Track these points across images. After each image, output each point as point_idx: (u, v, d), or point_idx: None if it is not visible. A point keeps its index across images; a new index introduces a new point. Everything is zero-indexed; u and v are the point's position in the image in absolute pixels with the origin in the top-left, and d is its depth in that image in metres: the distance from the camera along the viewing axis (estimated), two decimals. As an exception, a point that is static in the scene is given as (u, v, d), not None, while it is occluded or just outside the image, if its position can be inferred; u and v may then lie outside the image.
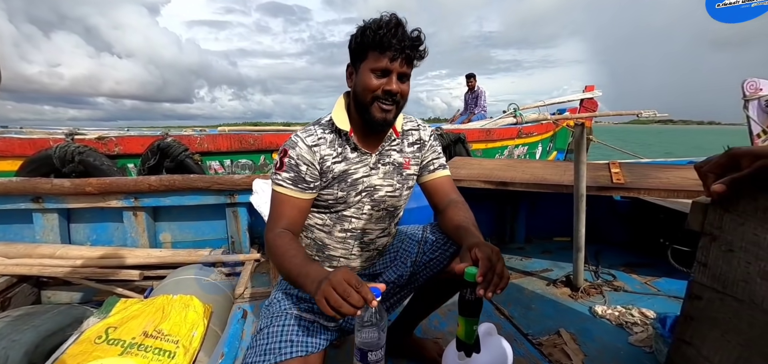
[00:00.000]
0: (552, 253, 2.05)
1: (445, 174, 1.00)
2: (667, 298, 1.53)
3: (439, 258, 0.97)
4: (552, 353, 1.20)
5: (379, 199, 0.94)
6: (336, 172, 0.88)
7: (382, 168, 0.93)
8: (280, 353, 0.76)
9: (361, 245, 0.97)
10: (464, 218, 0.89)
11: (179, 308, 1.42)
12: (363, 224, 0.95)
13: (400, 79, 0.82)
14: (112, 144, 3.53)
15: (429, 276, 0.99)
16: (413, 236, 1.04)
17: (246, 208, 2.06)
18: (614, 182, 1.53)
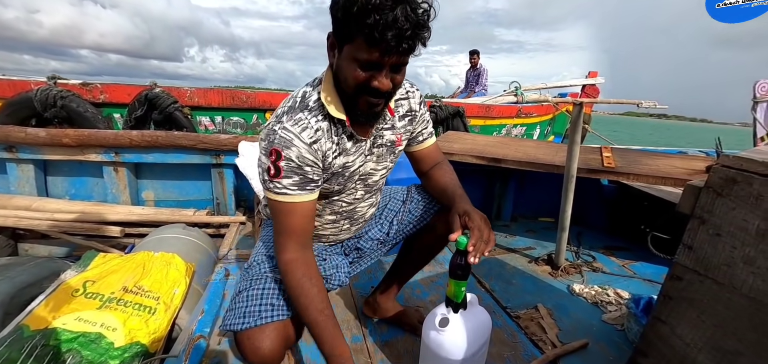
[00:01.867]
0: (536, 232, 2.08)
1: (433, 141, 0.98)
2: (642, 281, 1.58)
3: (424, 216, 1.00)
4: (528, 325, 1.24)
5: (372, 183, 0.91)
6: (336, 168, 0.80)
7: (377, 152, 0.87)
8: (260, 316, 0.75)
9: (350, 222, 0.96)
10: (451, 180, 0.89)
11: (161, 265, 1.39)
12: (354, 205, 0.93)
13: (394, 69, 0.67)
14: (96, 91, 3.32)
15: (412, 232, 1.01)
16: (398, 195, 1.05)
17: (232, 170, 2.00)
18: (605, 165, 1.54)
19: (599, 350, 1.15)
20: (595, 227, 2.15)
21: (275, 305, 0.78)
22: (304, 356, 1.05)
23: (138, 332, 1.16)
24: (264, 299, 0.77)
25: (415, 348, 1.09)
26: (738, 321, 0.57)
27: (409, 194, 1.04)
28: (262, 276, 0.83)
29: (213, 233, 1.95)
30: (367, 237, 1.00)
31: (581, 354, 1.12)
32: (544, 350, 1.12)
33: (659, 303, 0.70)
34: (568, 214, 1.48)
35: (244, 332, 0.73)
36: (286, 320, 0.78)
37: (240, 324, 0.74)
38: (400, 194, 1.06)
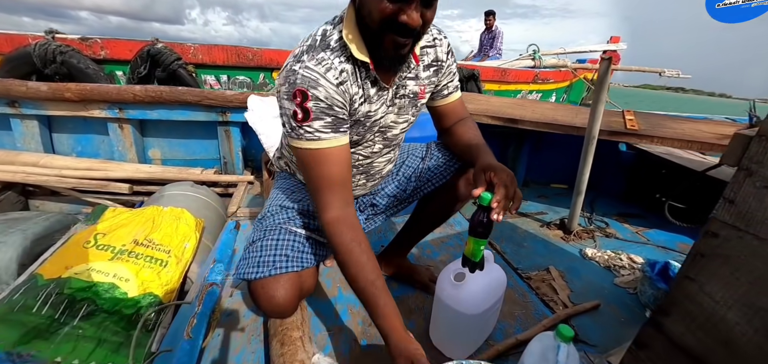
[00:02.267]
0: (548, 198, 2.04)
1: (458, 96, 0.92)
2: (656, 248, 1.56)
3: (443, 174, 0.96)
4: (540, 286, 1.23)
5: (392, 136, 0.86)
6: (359, 115, 0.74)
7: (398, 103, 0.80)
8: (275, 267, 0.73)
9: (366, 177, 0.92)
10: (475, 135, 0.84)
11: (170, 219, 1.39)
12: (371, 160, 0.88)
13: (425, 3, 0.61)
14: (97, 47, 3.20)
15: (430, 191, 0.97)
16: (417, 152, 1.01)
17: (239, 128, 1.96)
18: (628, 127, 1.47)
19: (611, 311, 1.14)
20: (609, 195, 2.10)
21: (290, 256, 0.76)
22: (317, 308, 1.05)
23: (150, 284, 1.18)
24: (278, 250, 0.76)
25: (426, 305, 1.09)
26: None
27: (428, 151, 1.00)
28: (276, 227, 0.81)
29: (221, 193, 1.94)
30: (383, 193, 0.97)
31: (592, 315, 1.11)
32: (555, 310, 1.11)
33: (689, 261, 0.67)
34: (586, 177, 1.43)
35: (258, 281, 0.72)
36: (300, 272, 0.77)
37: (254, 273, 0.73)
38: (419, 150, 1.02)
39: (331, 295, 1.12)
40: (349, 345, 0.94)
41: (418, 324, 1.02)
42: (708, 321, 0.64)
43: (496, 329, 1.01)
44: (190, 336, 0.67)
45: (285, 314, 0.75)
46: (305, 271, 0.78)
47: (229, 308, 1.03)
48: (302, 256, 0.78)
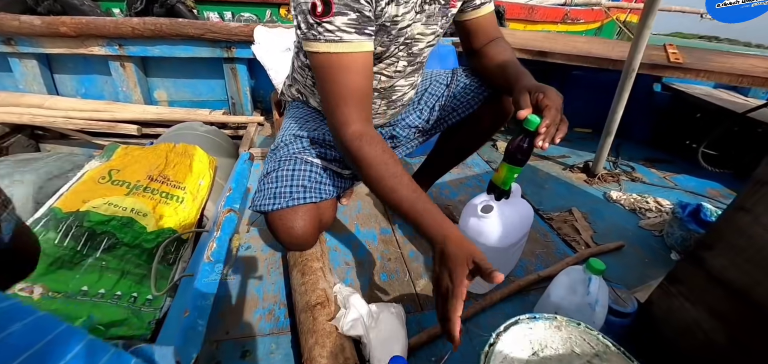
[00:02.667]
0: (572, 142, 1.95)
1: (491, 9, 0.80)
2: (685, 192, 1.49)
3: (470, 103, 0.87)
4: (561, 227, 1.19)
5: (417, 51, 0.76)
6: (386, 18, 0.63)
7: (427, 10, 0.69)
8: (292, 198, 0.69)
9: (387, 103, 0.84)
10: (511, 56, 0.75)
11: (183, 156, 1.36)
12: (393, 81, 0.79)
13: None
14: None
15: (455, 122, 0.90)
16: (441, 79, 0.92)
17: (246, 65, 1.86)
18: (671, 61, 1.33)
19: (634, 252, 1.11)
20: (636, 140, 2.00)
21: (307, 187, 0.72)
22: (335, 244, 1.05)
23: (168, 220, 1.18)
24: (295, 181, 0.72)
25: (445, 242, 1.07)
26: None
27: (454, 77, 0.91)
28: (291, 157, 0.76)
29: (231, 135, 1.90)
30: (404, 124, 0.91)
31: (616, 255, 1.09)
32: (576, 250, 1.09)
33: (746, 191, 0.61)
34: (618, 115, 1.33)
35: (275, 212, 0.69)
36: (319, 202, 0.73)
37: (270, 205, 0.70)
38: (443, 77, 0.93)
39: (349, 231, 1.11)
40: (368, 278, 0.94)
41: (437, 260, 1.01)
42: (758, 253, 0.60)
43: (517, 267, 1.00)
44: (210, 259, 0.66)
45: (304, 245, 0.73)
46: (323, 202, 0.75)
47: (247, 243, 1.03)
48: (320, 187, 0.74)
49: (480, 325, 0.83)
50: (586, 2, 4.77)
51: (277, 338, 0.78)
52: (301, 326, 0.72)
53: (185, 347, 0.50)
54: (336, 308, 0.73)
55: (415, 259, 1.01)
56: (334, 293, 0.77)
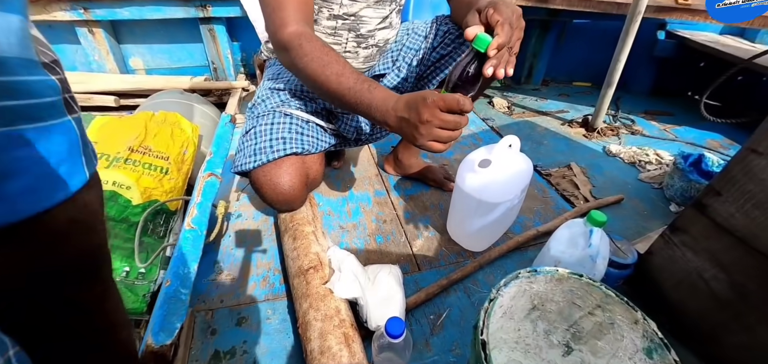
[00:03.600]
0: (569, 96, 1.89)
1: None
2: (685, 144, 1.46)
3: (454, 54, 0.78)
4: (560, 182, 1.17)
5: None
6: None
7: None
8: (272, 151, 0.65)
9: (357, 39, 0.76)
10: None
11: (164, 125, 1.29)
12: (358, 8, 0.71)
13: None
14: None
15: (441, 80, 0.82)
16: (419, 30, 0.83)
17: (224, 25, 1.73)
18: (679, 2, 1.24)
19: (633, 205, 1.09)
20: (635, 92, 1.94)
21: (287, 138, 0.67)
22: (329, 208, 1.01)
23: (153, 191, 1.13)
24: (274, 133, 0.67)
25: (442, 201, 1.04)
26: None
27: (433, 27, 0.81)
28: (269, 112, 0.71)
29: (215, 102, 1.80)
30: (383, 83, 0.83)
31: (615, 208, 1.07)
32: (575, 205, 1.07)
33: (758, 133, 0.58)
34: (621, 65, 1.26)
35: (257, 169, 0.65)
36: (302, 155, 0.68)
37: (251, 162, 0.65)
38: (421, 28, 0.84)
39: (343, 195, 1.07)
40: (363, 241, 0.92)
41: (434, 220, 0.98)
42: (769, 198, 0.57)
43: (515, 223, 0.98)
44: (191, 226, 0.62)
45: (293, 203, 0.69)
46: (309, 157, 0.70)
47: (237, 211, 0.99)
48: (302, 138, 0.70)
49: (478, 282, 0.82)
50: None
51: (272, 304, 0.76)
52: (295, 292, 0.70)
53: (168, 317, 0.47)
54: (330, 272, 0.71)
55: (411, 220, 0.99)
56: (328, 257, 0.74)
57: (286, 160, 0.66)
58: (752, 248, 0.62)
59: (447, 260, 0.87)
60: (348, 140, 0.83)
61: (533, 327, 0.60)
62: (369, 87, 0.54)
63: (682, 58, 1.79)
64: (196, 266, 0.58)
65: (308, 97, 0.75)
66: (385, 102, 0.53)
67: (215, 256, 0.86)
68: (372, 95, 0.54)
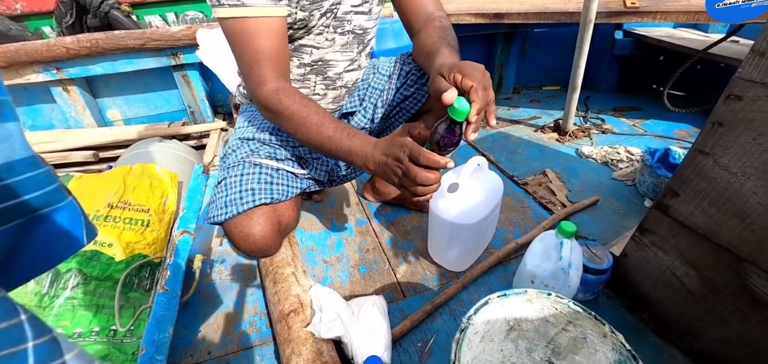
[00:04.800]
0: (540, 102, 1.95)
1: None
2: (654, 137, 1.51)
3: (417, 95, 0.80)
4: (537, 190, 1.19)
5: (342, 17, 0.71)
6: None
7: None
8: (242, 203, 0.66)
9: (325, 82, 0.78)
10: (440, 37, 0.65)
11: (142, 178, 1.29)
12: (324, 53, 0.73)
13: None
14: (9, 0, 2.77)
15: (406, 118, 0.84)
16: (383, 70, 0.85)
17: (197, 70, 1.75)
18: (628, 6, 1.31)
19: (609, 205, 1.12)
20: (603, 90, 2.01)
21: (256, 189, 0.69)
22: (312, 243, 1.02)
23: (136, 245, 1.12)
24: (243, 185, 0.68)
25: (422, 223, 1.06)
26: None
27: (395, 67, 0.83)
28: (239, 162, 0.72)
29: (195, 145, 1.81)
30: (351, 122, 0.85)
31: (591, 211, 1.10)
32: (553, 211, 1.09)
33: (704, 134, 0.61)
34: (581, 70, 1.31)
35: (229, 221, 0.65)
36: (272, 204, 0.69)
37: (222, 214, 0.66)
38: (385, 67, 0.85)
39: (325, 228, 1.08)
40: (347, 273, 0.92)
41: (416, 244, 0.99)
42: (721, 196, 0.60)
43: (495, 237, 0.99)
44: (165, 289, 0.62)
45: (266, 251, 0.70)
46: (281, 204, 0.71)
47: (221, 257, 0.99)
48: (271, 188, 0.71)
49: (463, 303, 0.83)
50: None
51: (260, 350, 0.75)
52: (278, 337, 0.70)
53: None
54: (312, 313, 0.71)
55: (393, 246, 1.00)
56: (310, 297, 0.74)
57: (257, 210, 0.67)
58: (715, 244, 0.64)
59: (431, 283, 0.88)
60: (321, 182, 0.84)
61: (515, 346, 0.61)
62: (348, 134, 0.57)
63: (642, 54, 1.87)
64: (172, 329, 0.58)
65: (277, 145, 0.77)
66: (363, 148, 0.56)
67: (200, 306, 0.85)
68: (351, 142, 0.56)
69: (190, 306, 0.85)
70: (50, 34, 2.82)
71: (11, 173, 0.30)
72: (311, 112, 0.58)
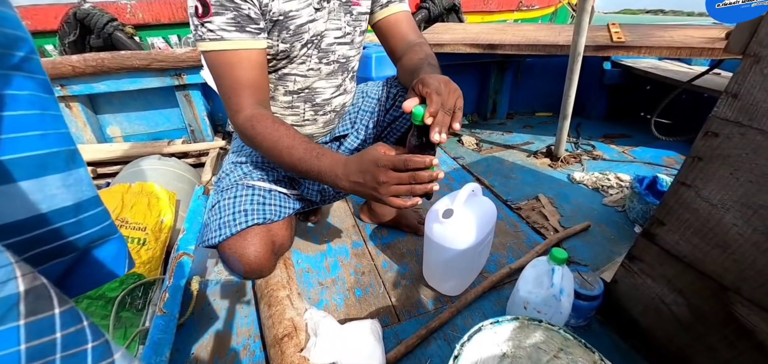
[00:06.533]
0: (533, 127, 2.00)
1: (402, 9, 0.79)
2: (643, 164, 1.56)
3: (406, 115, 0.84)
4: (530, 215, 1.22)
5: (326, 48, 0.75)
6: (275, 13, 0.65)
7: (327, 6, 0.71)
8: (235, 224, 0.67)
9: (313, 108, 0.81)
10: (420, 59, 0.70)
11: (140, 196, 1.29)
12: (311, 81, 0.77)
13: None
14: None
15: (396, 137, 0.88)
16: (374, 94, 0.89)
17: (199, 90, 1.79)
18: (614, 40, 1.38)
19: (600, 230, 1.15)
20: (594, 117, 2.08)
21: (248, 210, 0.70)
22: (307, 265, 1.02)
23: (129, 264, 1.11)
24: (236, 207, 0.70)
25: (417, 247, 1.07)
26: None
27: (383, 90, 0.88)
28: (232, 185, 0.74)
29: (194, 163, 1.82)
30: (343, 149, 0.88)
31: (583, 236, 1.12)
32: (546, 236, 1.11)
33: (685, 167, 0.64)
34: (572, 98, 1.37)
35: (223, 243, 0.67)
36: (265, 225, 0.71)
37: (216, 237, 0.67)
38: (375, 90, 0.90)
39: (320, 250, 1.09)
40: (342, 296, 0.92)
41: (411, 267, 1.00)
42: (704, 226, 0.63)
43: (489, 261, 1.01)
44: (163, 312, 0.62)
45: (260, 272, 0.70)
46: (274, 225, 0.73)
47: (217, 278, 0.99)
48: (263, 208, 0.72)
49: (457, 327, 0.83)
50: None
51: (253, 374, 0.75)
52: (271, 362, 0.69)
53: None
54: (306, 337, 0.71)
55: (388, 269, 1.00)
56: (304, 321, 0.74)
57: (250, 231, 0.68)
58: (701, 272, 0.66)
59: (426, 307, 0.88)
60: (314, 202, 0.86)
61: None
62: (317, 155, 0.59)
63: (630, 83, 1.95)
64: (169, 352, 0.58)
65: (269, 167, 0.79)
66: (333, 168, 0.58)
67: (194, 328, 0.84)
68: (320, 163, 0.58)
69: (184, 327, 0.84)
70: (52, 52, 2.86)
71: (80, 211, 0.37)
72: (282, 135, 0.61)
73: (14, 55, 0.31)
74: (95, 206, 0.39)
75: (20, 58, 0.32)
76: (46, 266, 0.35)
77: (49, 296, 0.25)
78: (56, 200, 0.35)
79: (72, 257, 0.38)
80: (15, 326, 0.23)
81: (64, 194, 0.35)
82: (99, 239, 0.40)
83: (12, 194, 0.31)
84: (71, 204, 0.36)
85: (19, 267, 0.24)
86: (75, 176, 0.36)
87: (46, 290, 0.25)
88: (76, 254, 0.38)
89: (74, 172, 0.36)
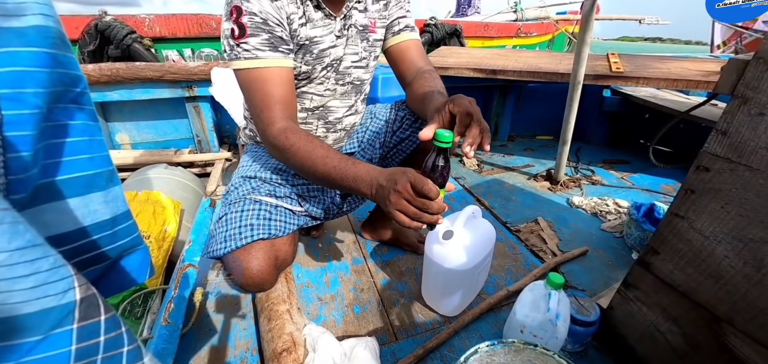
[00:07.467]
0: (534, 150, 2.04)
1: (413, 37, 0.85)
2: (641, 191, 1.58)
3: (412, 138, 0.89)
4: (528, 238, 1.23)
5: (343, 71, 0.80)
6: (302, 38, 0.71)
7: (347, 34, 0.77)
8: (241, 238, 0.69)
9: (325, 125, 0.86)
10: (431, 86, 0.75)
11: (146, 204, 1.31)
12: (326, 100, 0.82)
13: None
14: None
15: (403, 158, 0.92)
16: (382, 115, 0.94)
17: (209, 103, 1.84)
18: (613, 70, 1.43)
19: (598, 256, 1.16)
20: (593, 143, 2.11)
21: (255, 225, 0.72)
22: (307, 279, 1.03)
23: (131, 272, 1.12)
24: (243, 221, 0.72)
25: (417, 266, 1.08)
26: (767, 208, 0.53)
27: (391, 112, 0.93)
28: (240, 199, 0.76)
29: (199, 173, 1.85)
30: None
31: (581, 261, 1.13)
32: (544, 260, 1.12)
33: (678, 199, 0.66)
34: (572, 125, 1.40)
35: (228, 255, 0.68)
36: (269, 240, 0.73)
37: (222, 249, 0.69)
38: (383, 111, 0.95)
39: (321, 265, 1.10)
40: (341, 312, 0.93)
41: (410, 286, 1.01)
42: (697, 257, 0.64)
43: (488, 283, 1.02)
44: (168, 322, 0.63)
45: (263, 285, 0.72)
46: (278, 240, 0.74)
47: (217, 290, 1.00)
48: (269, 224, 0.74)
49: (454, 348, 0.84)
50: (535, 17, 5.13)
51: (249, 389, 0.75)
52: (270, 376, 0.70)
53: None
54: (305, 352, 0.72)
55: (387, 287, 1.01)
56: (304, 336, 0.75)
57: (255, 245, 0.70)
58: (695, 302, 0.67)
59: (423, 326, 0.89)
60: (317, 219, 0.88)
61: (504, 397, 0.62)
62: (353, 163, 0.62)
63: (629, 111, 1.99)
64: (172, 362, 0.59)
65: (278, 183, 0.81)
66: (368, 173, 0.60)
67: (193, 339, 0.85)
68: (357, 169, 0.61)
69: (185, 338, 0.85)
70: (71, 59, 2.95)
71: (115, 224, 0.42)
72: (316, 146, 0.64)
73: (73, 91, 0.36)
74: (127, 220, 0.44)
75: (76, 94, 0.37)
76: (84, 272, 0.40)
77: (97, 304, 0.29)
78: (98, 214, 0.40)
79: (106, 265, 0.42)
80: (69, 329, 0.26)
81: (104, 208, 0.40)
82: (129, 248, 0.45)
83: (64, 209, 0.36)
84: (109, 218, 0.41)
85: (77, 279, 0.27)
86: (113, 193, 0.42)
87: (96, 298, 0.29)
88: (109, 262, 0.43)
89: (112, 189, 0.42)
